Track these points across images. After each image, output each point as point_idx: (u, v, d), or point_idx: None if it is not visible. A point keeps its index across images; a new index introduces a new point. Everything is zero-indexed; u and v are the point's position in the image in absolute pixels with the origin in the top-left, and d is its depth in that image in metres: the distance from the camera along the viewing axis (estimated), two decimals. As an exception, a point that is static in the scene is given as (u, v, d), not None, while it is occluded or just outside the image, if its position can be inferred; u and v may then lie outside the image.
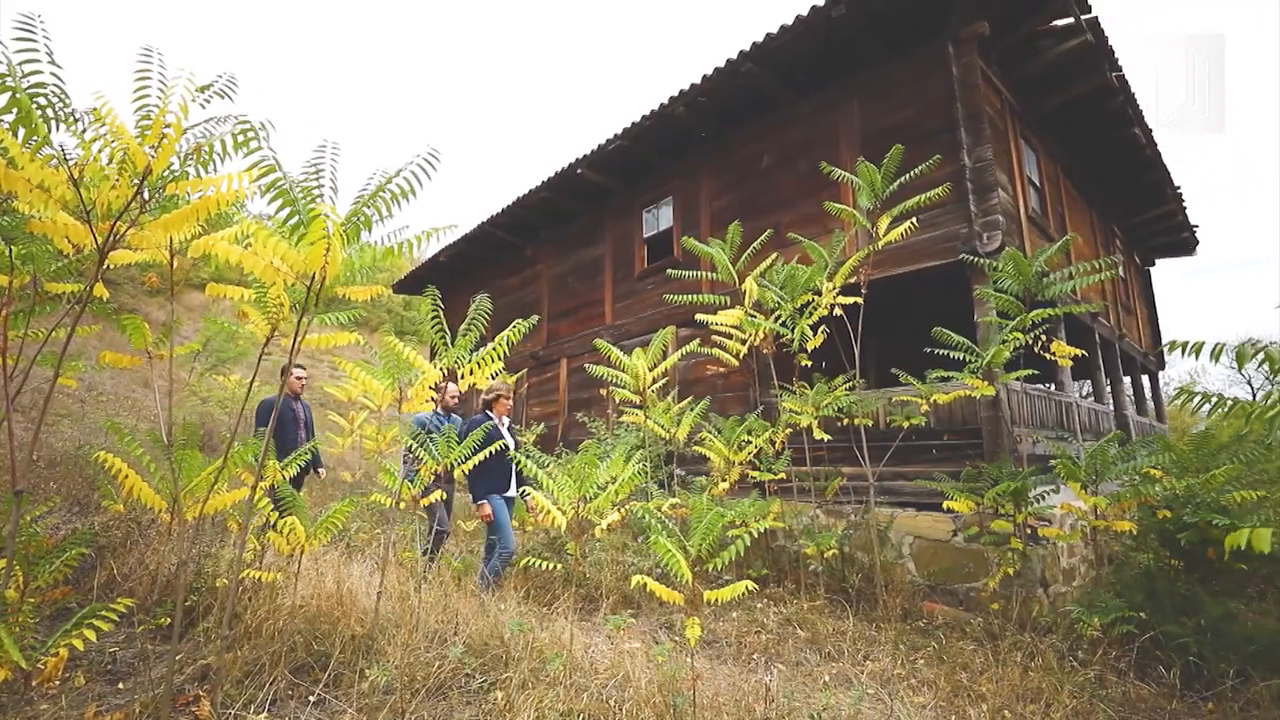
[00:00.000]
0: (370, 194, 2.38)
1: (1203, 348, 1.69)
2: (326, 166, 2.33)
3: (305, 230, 2.21)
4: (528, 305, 11.79)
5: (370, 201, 2.38)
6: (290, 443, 5.43)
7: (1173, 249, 12.72)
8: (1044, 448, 5.76)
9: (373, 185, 2.40)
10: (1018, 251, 4.68)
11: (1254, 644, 3.54)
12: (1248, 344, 1.56)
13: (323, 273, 2.32)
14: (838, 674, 3.80)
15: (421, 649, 3.19)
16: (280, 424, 5.36)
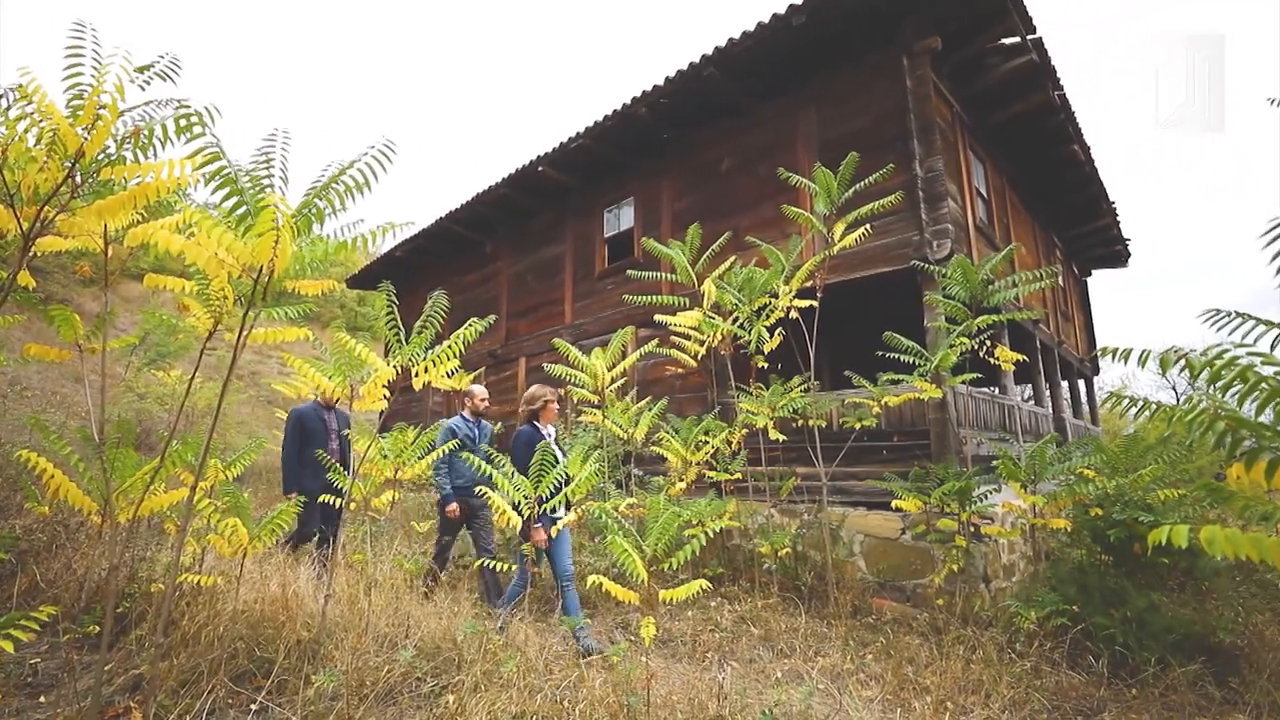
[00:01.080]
0: (323, 185, 2.31)
1: (1130, 354, 1.79)
2: (277, 156, 2.25)
3: (253, 221, 2.13)
4: (486, 303, 11.64)
5: (323, 193, 2.32)
6: (313, 456, 4.96)
7: (1108, 260, 13.41)
8: (987, 449, 5.99)
9: (326, 177, 2.34)
10: (966, 259, 4.86)
11: (1173, 633, 3.77)
12: (1170, 351, 1.66)
13: (271, 265, 2.25)
14: (790, 670, 3.87)
15: (371, 653, 3.11)
16: (308, 437, 4.75)
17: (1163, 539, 1.73)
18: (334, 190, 2.20)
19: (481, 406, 4.99)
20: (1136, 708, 3.45)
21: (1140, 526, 3.94)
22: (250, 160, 2.18)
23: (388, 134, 2.12)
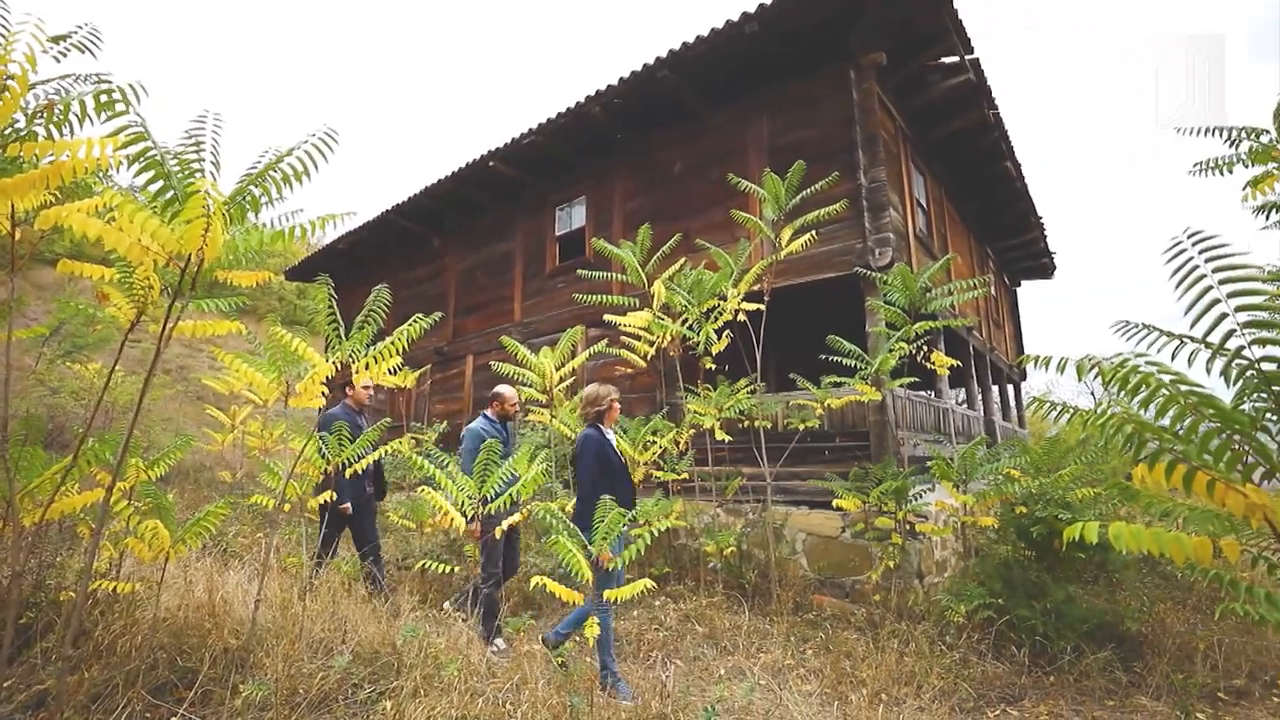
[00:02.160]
0: (259, 172, 2.22)
1: (1050, 361, 1.90)
2: (208, 139, 2.15)
3: (181, 207, 2.02)
4: (434, 299, 11.38)
5: (259, 180, 2.22)
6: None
7: (1035, 272, 14.18)
8: (923, 450, 6.24)
9: (263, 163, 2.24)
10: (906, 267, 5.05)
11: (1087, 623, 4.02)
12: (1085, 360, 1.76)
13: (200, 254, 2.14)
14: (733, 667, 3.94)
15: (305, 660, 2.99)
16: (343, 442, 4.54)
17: (1077, 535, 1.84)
18: (271, 177, 2.11)
19: (512, 410, 4.56)
20: (1053, 693, 3.66)
21: (1059, 523, 4.18)
22: (178, 143, 2.07)
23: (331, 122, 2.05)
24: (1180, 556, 1.66)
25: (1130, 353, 1.69)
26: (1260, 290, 1.52)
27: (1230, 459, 1.61)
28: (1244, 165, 3.04)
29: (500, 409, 4.52)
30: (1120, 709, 3.46)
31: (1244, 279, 1.53)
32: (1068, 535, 1.87)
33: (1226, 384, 1.64)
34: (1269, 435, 1.59)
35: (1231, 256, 1.55)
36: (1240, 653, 3.96)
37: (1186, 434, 1.64)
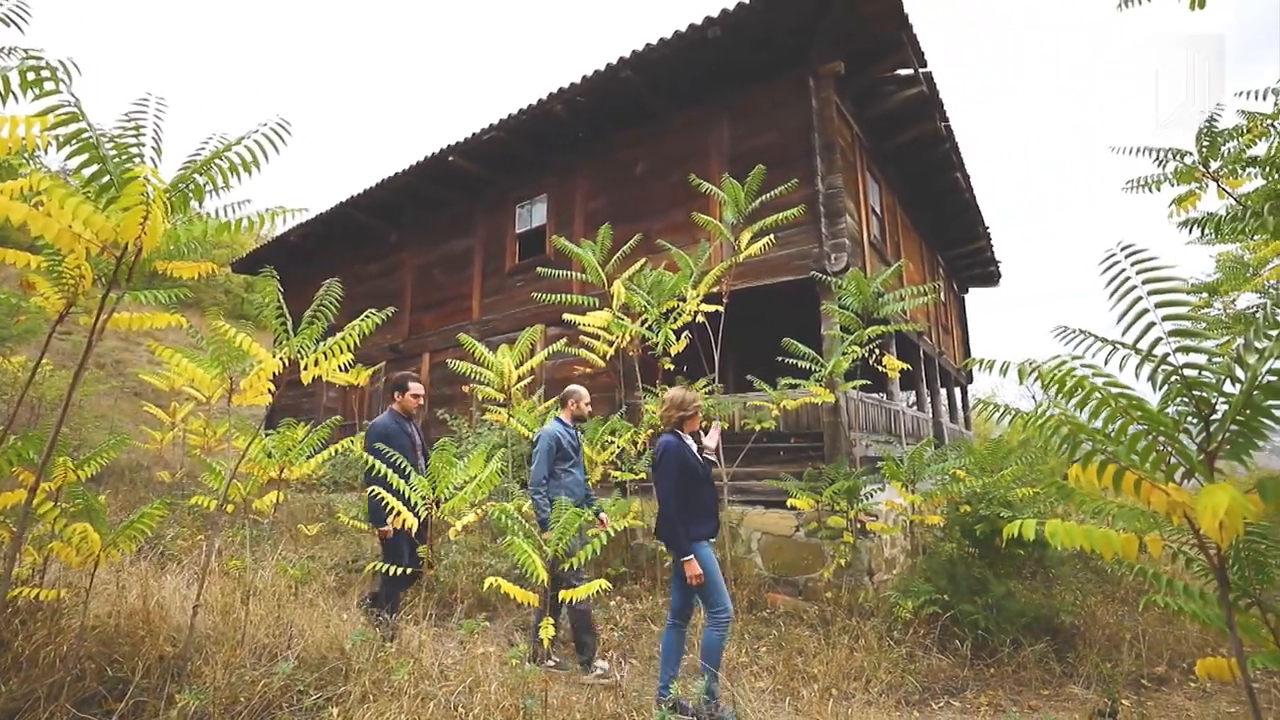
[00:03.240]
0: (205, 160, 2.13)
1: (994, 365, 1.98)
2: (149, 123, 2.05)
3: (117, 193, 1.92)
4: (389, 294, 11.10)
5: (204, 168, 2.13)
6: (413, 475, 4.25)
7: (982, 280, 14.74)
8: (874, 450, 6.41)
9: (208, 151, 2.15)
10: (859, 272, 5.18)
11: (1025, 616, 4.20)
12: (1026, 363, 1.84)
13: (138, 243, 2.04)
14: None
15: (247, 667, 2.88)
16: (405, 454, 3.98)
17: (1015, 532, 1.92)
18: (217, 166, 2.02)
19: (586, 411, 4.31)
20: (993, 684, 3.81)
21: (1001, 521, 4.36)
22: (116, 126, 1.97)
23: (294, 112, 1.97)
24: (1108, 552, 1.75)
25: (1068, 357, 1.78)
26: (1184, 301, 1.62)
27: (1155, 459, 1.70)
28: (1170, 184, 3.23)
29: (575, 409, 4.21)
30: (1054, 698, 3.62)
31: (1170, 290, 1.62)
32: (1007, 533, 1.96)
33: (1153, 388, 1.74)
34: (1189, 437, 1.69)
35: (1159, 269, 1.64)
36: (1162, 642, 4.20)
37: (1117, 435, 1.74)
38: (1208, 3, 2.50)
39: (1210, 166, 3.04)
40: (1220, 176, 3.06)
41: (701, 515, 3.28)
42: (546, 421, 4.85)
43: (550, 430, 3.98)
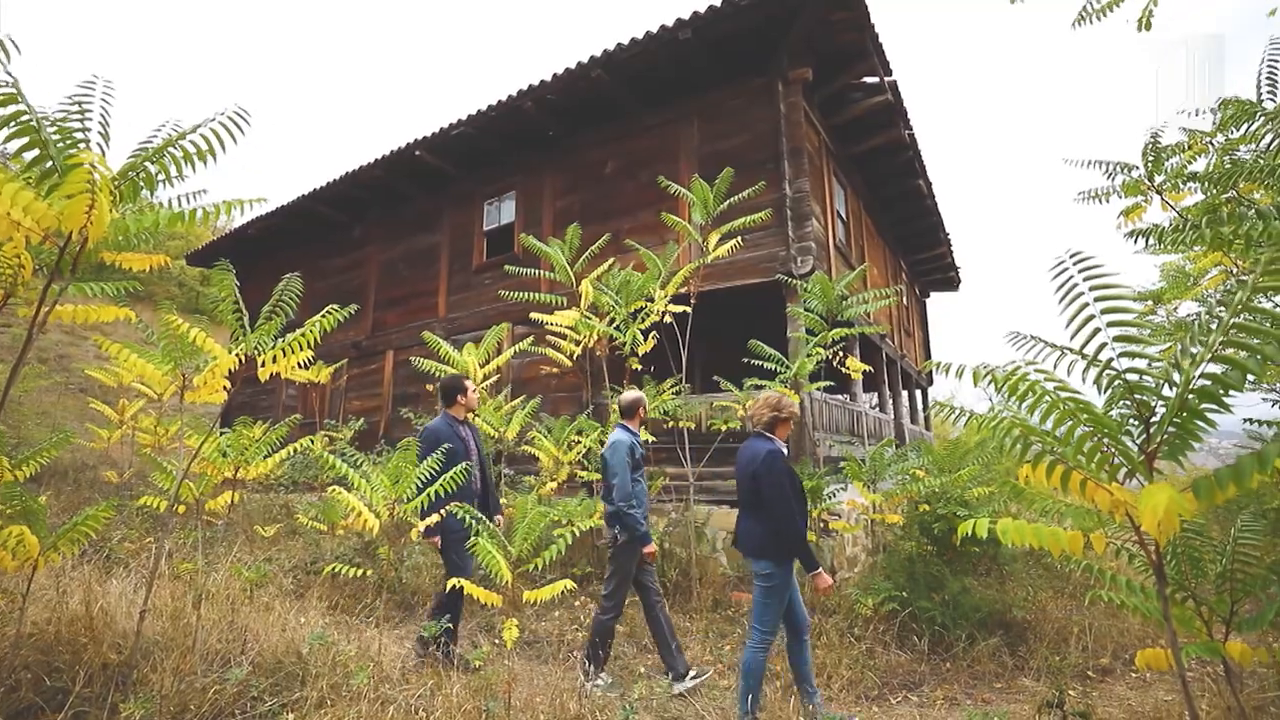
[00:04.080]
0: (157, 148, 2.05)
1: (950, 368, 2.04)
2: (95, 108, 1.97)
3: (61, 180, 1.84)
4: (353, 290, 10.86)
5: (156, 156, 2.05)
6: (471, 480, 3.95)
7: (943, 284, 15.14)
8: (837, 451, 6.53)
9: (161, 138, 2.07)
10: (824, 275, 5.27)
11: (979, 612, 4.32)
12: (980, 367, 1.90)
13: (84, 233, 1.95)
14: (653, 665, 3.98)
15: (198, 674, 2.79)
16: (450, 456, 3.78)
17: (969, 531, 1.98)
18: (170, 154, 1.95)
19: (645, 417, 4.15)
20: (949, 678, 3.92)
21: (957, 520, 4.48)
22: (59, 109, 1.89)
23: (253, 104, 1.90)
24: (1056, 549, 1.82)
25: (1021, 362, 1.84)
26: (1129, 309, 1.69)
27: (1100, 460, 1.77)
28: (1119, 196, 3.37)
29: (643, 416, 4.04)
30: (1006, 690, 3.74)
31: (1115, 298, 1.69)
32: (962, 531, 2.02)
33: (1099, 392, 1.82)
34: (1131, 438, 1.76)
35: (1106, 277, 1.71)
36: (1107, 634, 4.37)
37: (1065, 437, 1.80)
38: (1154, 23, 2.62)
39: (1155, 181, 3.18)
40: (1164, 190, 3.20)
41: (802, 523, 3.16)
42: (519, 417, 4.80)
43: (623, 439, 3.75)
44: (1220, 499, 1.52)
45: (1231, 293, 1.72)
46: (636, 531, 3.56)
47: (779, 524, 3.03)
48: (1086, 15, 2.59)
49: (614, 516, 3.65)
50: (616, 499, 3.60)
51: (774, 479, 3.04)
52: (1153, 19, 2.57)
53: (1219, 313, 1.67)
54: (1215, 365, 1.55)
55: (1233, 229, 1.84)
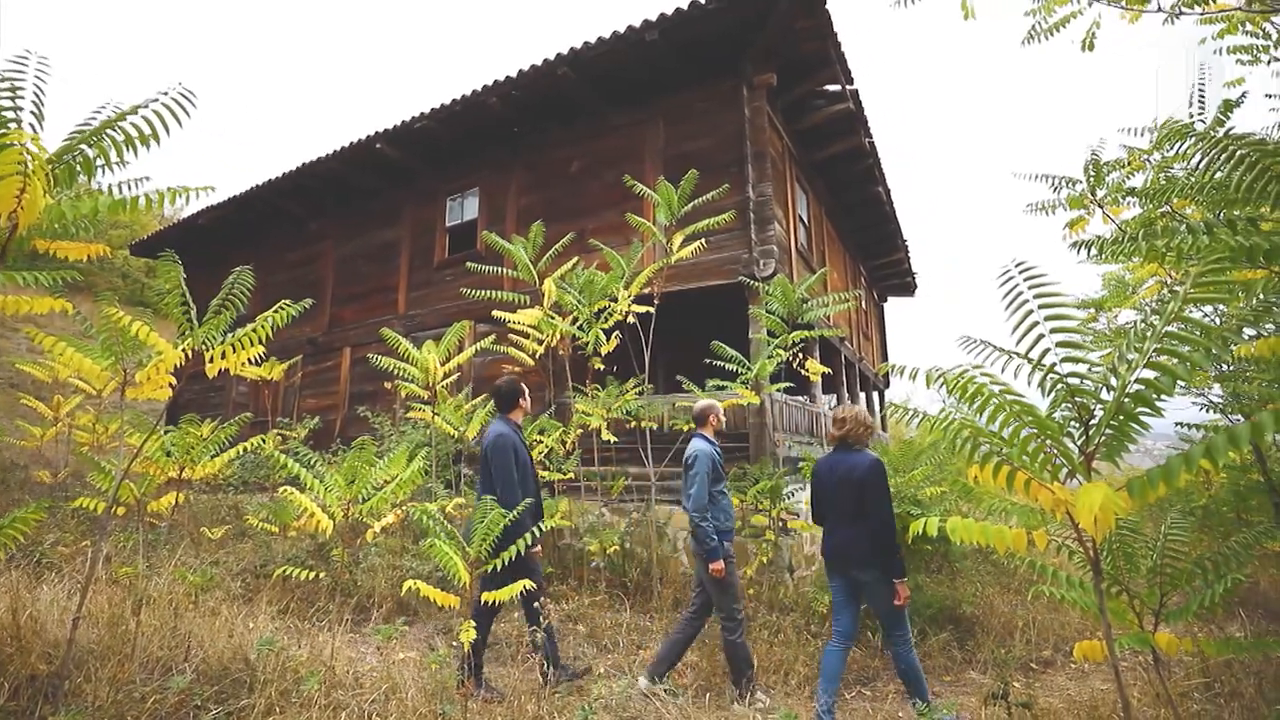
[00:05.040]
0: (95, 129, 1.95)
1: (904, 370, 2.10)
2: (28, 86, 1.87)
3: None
4: (309, 284, 10.56)
5: (94, 139, 1.96)
6: (534, 488, 3.72)
7: (900, 289, 15.55)
8: (796, 451, 6.64)
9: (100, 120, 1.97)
10: (785, 278, 5.36)
11: (931, 608, 4.46)
12: (932, 370, 1.96)
13: (13, 219, 1.85)
14: (613, 665, 3.98)
15: (137, 682, 2.68)
16: (524, 468, 3.60)
17: (920, 529, 2.04)
18: (110, 137, 1.87)
19: (717, 424, 3.99)
20: (901, 674, 4.02)
21: (910, 519, 4.60)
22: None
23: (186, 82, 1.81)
24: (1001, 546, 1.89)
25: (970, 365, 1.91)
26: (1071, 316, 1.76)
27: (1043, 461, 1.85)
28: (1064, 209, 3.52)
29: (716, 423, 3.92)
30: (955, 683, 3.86)
31: (1058, 305, 1.76)
32: (913, 530, 2.08)
33: (1043, 395, 1.89)
34: (1072, 440, 1.84)
35: (1049, 286, 1.79)
36: (1049, 628, 4.55)
37: (1011, 438, 1.88)
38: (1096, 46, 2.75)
39: (1096, 195, 3.34)
40: (1105, 204, 3.36)
41: None
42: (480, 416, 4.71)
43: (706, 449, 3.62)
44: (1152, 497, 1.61)
45: (1165, 303, 1.81)
46: (706, 544, 3.46)
47: (885, 531, 3.09)
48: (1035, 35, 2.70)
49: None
50: (690, 508, 3.51)
51: (884, 487, 3.15)
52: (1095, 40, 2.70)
53: (1153, 322, 1.76)
54: (1149, 371, 1.64)
55: (1165, 242, 1.94)
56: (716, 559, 3.42)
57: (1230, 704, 2.98)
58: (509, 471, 3.44)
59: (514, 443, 3.56)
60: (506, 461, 3.47)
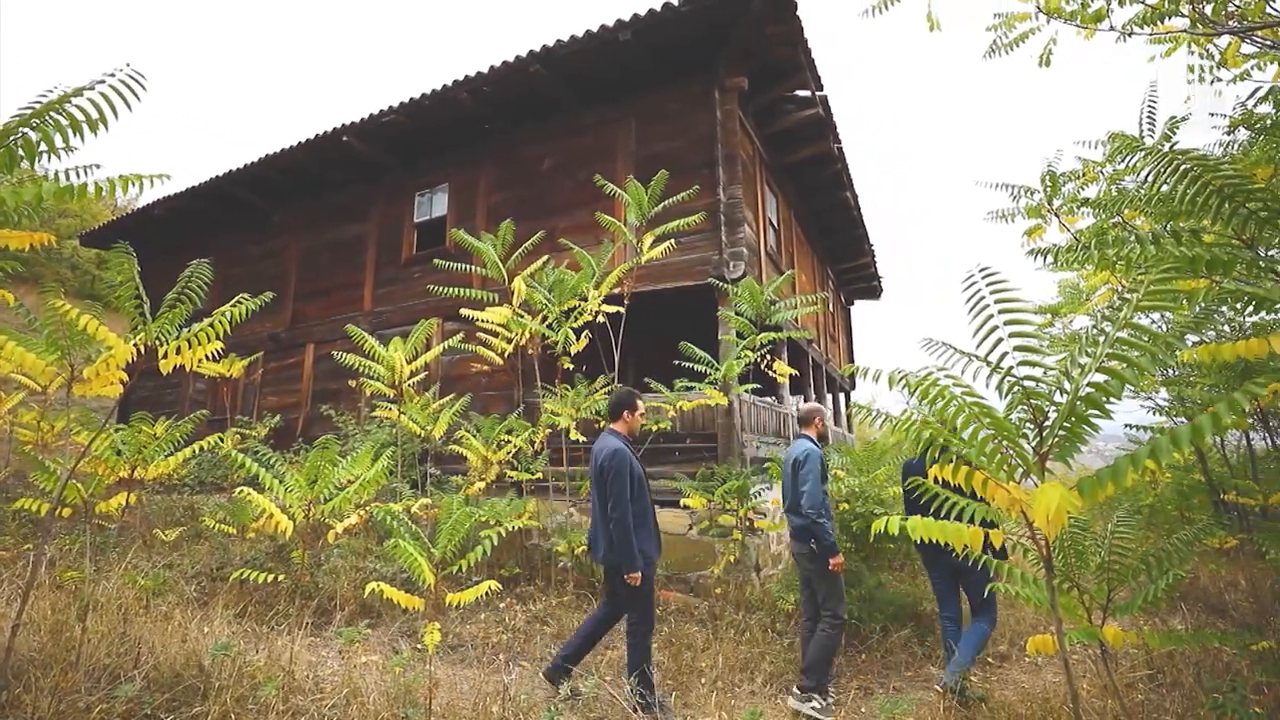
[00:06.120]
0: (38, 111, 1.87)
1: (868, 372, 2.14)
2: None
3: (-75, 146, 1.65)
4: (271, 279, 10.26)
5: (36, 121, 1.87)
6: (649, 511, 3.53)
7: (866, 293, 15.84)
8: (764, 451, 6.71)
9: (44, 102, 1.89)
10: (752, 280, 5.41)
11: (893, 605, 4.55)
12: (896, 372, 2.00)
13: (-48, 207, 1.76)
14: (580, 665, 3.96)
15: (82, 692, 2.57)
16: (640, 485, 3.43)
17: (882, 528, 2.09)
18: (54, 120, 1.79)
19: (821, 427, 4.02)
20: (864, 669, 4.10)
21: (874, 518, 4.70)
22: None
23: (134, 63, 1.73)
24: (959, 544, 1.94)
25: (933, 367, 1.95)
26: (1029, 321, 1.82)
27: (999, 461, 1.91)
28: (1022, 217, 3.64)
29: (819, 427, 3.94)
30: (915, 679, 3.95)
31: (1017, 310, 1.82)
32: (875, 528, 2.12)
33: (1000, 397, 1.95)
34: (1027, 441, 1.90)
35: (1010, 291, 1.84)
36: (1005, 623, 4.69)
37: (970, 439, 1.93)
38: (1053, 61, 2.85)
39: (1053, 204, 3.46)
40: (1061, 213, 3.48)
41: None
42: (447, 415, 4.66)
43: (815, 449, 3.66)
44: (1101, 497, 1.67)
45: (1116, 310, 1.89)
46: (826, 541, 3.47)
47: None
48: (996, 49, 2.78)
49: (804, 530, 3.58)
50: (806, 507, 3.52)
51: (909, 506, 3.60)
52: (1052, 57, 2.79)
53: (1105, 328, 1.83)
54: (1100, 375, 1.70)
55: (1116, 252, 2.02)
56: (838, 554, 3.49)
57: (1172, 693, 3.12)
58: (624, 488, 3.29)
59: (629, 459, 3.40)
60: (622, 478, 3.31)
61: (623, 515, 3.24)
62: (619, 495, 3.26)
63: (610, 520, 3.26)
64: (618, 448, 3.38)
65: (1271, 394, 1.98)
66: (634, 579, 3.23)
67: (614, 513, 3.25)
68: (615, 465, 3.30)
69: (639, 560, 3.23)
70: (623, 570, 3.24)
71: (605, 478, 3.32)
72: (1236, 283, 1.99)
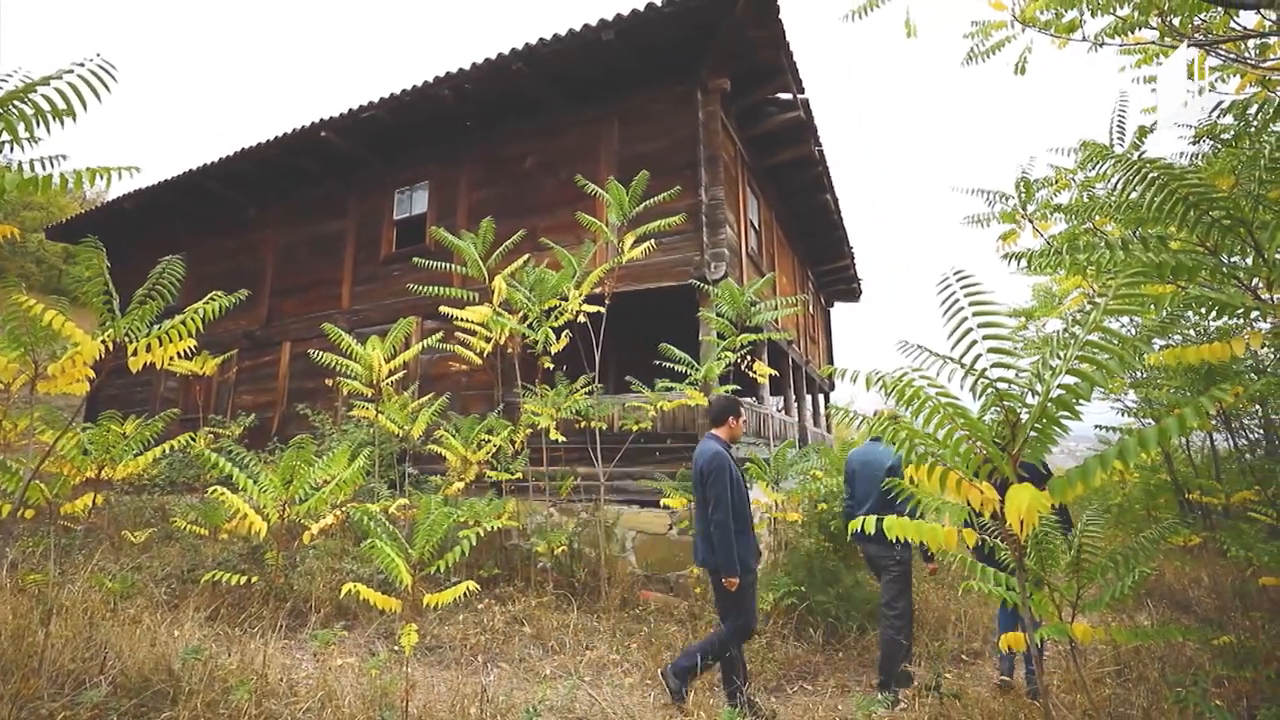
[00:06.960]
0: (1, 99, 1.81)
1: (846, 373, 2.16)
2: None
3: (-119, 135, 1.59)
4: (247, 275, 10.07)
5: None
6: (749, 519, 3.47)
7: (846, 295, 16.01)
8: (744, 451, 6.74)
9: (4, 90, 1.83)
10: (732, 282, 5.44)
11: (869, 604, 4.60)
12: (873, 374, 2.03)
13: (-90, 197, 1.70)
14: (559, 666, 3.95)
15: (45, 698, 2.50)
16: (739, 491, 3.39)
17: (859, 527, 2.11)
18: (17, 109, 1.74)
19: None
20: (842, 667, 4.15)
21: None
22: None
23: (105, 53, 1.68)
24: (934, 543, 1.97)
25: (910, 369, 1.98)
26: (1003, 324, 1.85)
27: (973, 461, 1.94)
28: (997, 222, 3.70)
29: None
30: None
31: (991, 313, 1.85)
32: (851, 528, 2.14)
33: (974, 398, 1.99)
34: (1000, 441, 1.94)
35: (984, 295, 1.88)
36: (978, 621, 4.78)
37: (944, 439, 1.96)
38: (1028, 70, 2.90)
39: (1027, 210, 3.53)
40: (1034, 219, 3.56)
41: None
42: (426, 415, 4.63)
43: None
44: (1071, 496, 1.71)
45: (1087, 314, 1.93)
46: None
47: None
48: (973, 56, 2.83)
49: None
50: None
51: None
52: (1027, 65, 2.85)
53: (1075, 331, 1.87)
54: (1070, 377, 1.74)
55: (1087, 257, 2.07)
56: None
57: (1138, 687, 3.20)
58: (725, 494, 3.26)
59: (729, 464, 3.37)
60: (721, 481, 3.28)
61: (724, 518, 3.21)
62: (719, 498, 3.24)
63: (711, 522, 3.24)
64: (717, 451, 3.38)
65: (1234, 397, 2.04)
66: (731, 584, 3.20)
67: (715, 514, 3.23)
68: (715, 468, 3.29)
69: (738, 565, 3.20)
70: (721, 574, 3.22)
71: (705, 481, 3.31)
72: (1201, 288, 2.05)
